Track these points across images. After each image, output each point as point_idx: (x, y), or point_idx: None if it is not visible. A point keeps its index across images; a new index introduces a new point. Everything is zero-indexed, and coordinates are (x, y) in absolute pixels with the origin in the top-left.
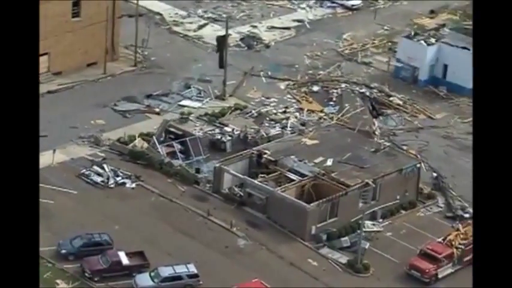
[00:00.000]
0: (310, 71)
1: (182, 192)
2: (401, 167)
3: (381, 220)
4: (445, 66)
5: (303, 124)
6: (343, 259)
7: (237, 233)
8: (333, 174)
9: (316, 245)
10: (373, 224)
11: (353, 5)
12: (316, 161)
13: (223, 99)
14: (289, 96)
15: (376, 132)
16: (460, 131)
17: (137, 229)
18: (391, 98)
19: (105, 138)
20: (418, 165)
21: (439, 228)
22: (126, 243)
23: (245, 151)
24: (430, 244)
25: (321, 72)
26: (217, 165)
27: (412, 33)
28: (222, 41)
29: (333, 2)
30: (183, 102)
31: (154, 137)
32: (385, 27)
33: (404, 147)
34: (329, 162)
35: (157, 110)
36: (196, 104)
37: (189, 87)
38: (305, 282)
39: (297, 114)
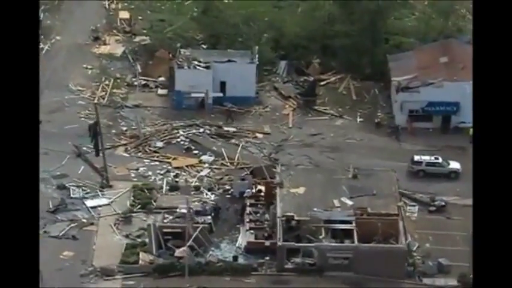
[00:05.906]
0: (114, 130)
1: (254, 283)
2: (393, 183)
3: None
4: (223, 83)
5: (243, 179)
6: (451, 281)
7: None
8: (369, 210)
9: (415, 281)
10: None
11: None
12: (337, 204)
13: (110, 187)
14: (147, 161)
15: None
16: (304, 136)
17: None
18: (226, 128)
19: (105, 266)
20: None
21: (445, 223)
22: None
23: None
24: None
25: (124, 128)
26: (280, 243)
27: (180, 62)
28: (94, 127)
29: None
30: (90, 204)
31: (165, 245)
32: (86, 67)
33: (301, 167)
34: (349, 202)
35: (84, 220)
36: (103, 201)
37: (65, 188)
38: None
39: (183, 174)
